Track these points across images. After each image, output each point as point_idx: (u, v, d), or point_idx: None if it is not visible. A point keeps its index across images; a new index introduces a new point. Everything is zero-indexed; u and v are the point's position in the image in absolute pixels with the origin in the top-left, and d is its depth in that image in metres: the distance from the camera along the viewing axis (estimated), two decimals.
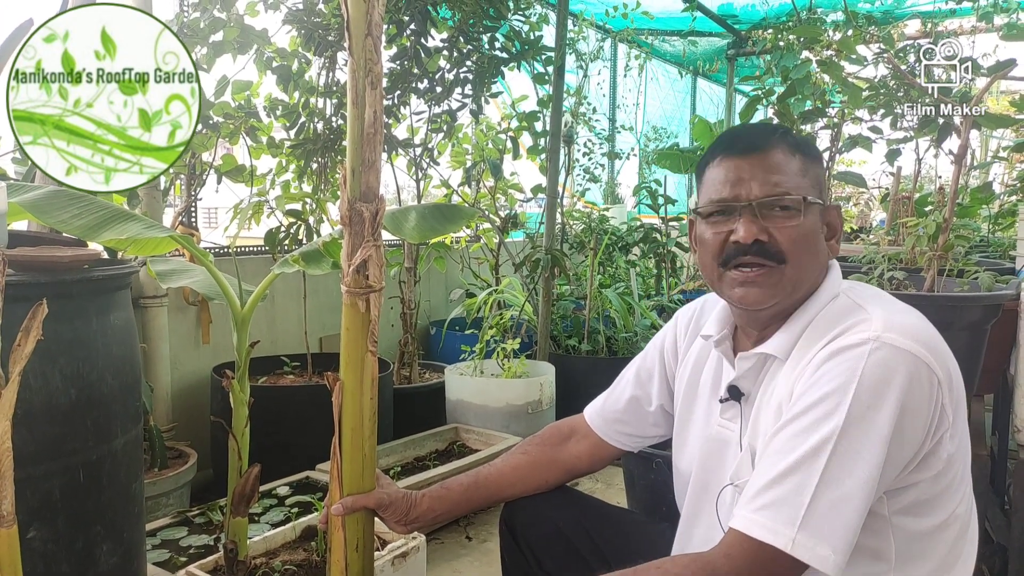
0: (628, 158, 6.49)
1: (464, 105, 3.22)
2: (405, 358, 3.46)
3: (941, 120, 2.09)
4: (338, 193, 1.15)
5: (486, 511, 2.56)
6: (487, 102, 3.28)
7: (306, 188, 3.07)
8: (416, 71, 3.02)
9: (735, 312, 1.20)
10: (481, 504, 1.41)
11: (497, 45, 3.19)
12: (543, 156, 3.74)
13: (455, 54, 3.10)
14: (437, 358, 3.94)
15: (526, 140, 3.72)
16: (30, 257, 1.27)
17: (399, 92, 3.07)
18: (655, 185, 4.72)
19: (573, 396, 3.26)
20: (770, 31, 5.86)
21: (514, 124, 3.73)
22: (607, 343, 3.78)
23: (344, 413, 1.20)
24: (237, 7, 2.71)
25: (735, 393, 1.17)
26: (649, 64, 6.84)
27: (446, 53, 3.11)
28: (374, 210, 1.16)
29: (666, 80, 7.39)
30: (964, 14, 5.08)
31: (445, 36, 3.11)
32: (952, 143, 2.10)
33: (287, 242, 2.85)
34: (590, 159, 5.49)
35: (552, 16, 3.78)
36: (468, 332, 3.69)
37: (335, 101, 3.00)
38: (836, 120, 2.45)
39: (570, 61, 5.17)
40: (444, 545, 2.47)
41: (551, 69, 3.42)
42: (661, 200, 4.55)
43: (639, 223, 4.80)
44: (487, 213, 3.94)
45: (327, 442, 1.23)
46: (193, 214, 3.02)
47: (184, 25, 2.69)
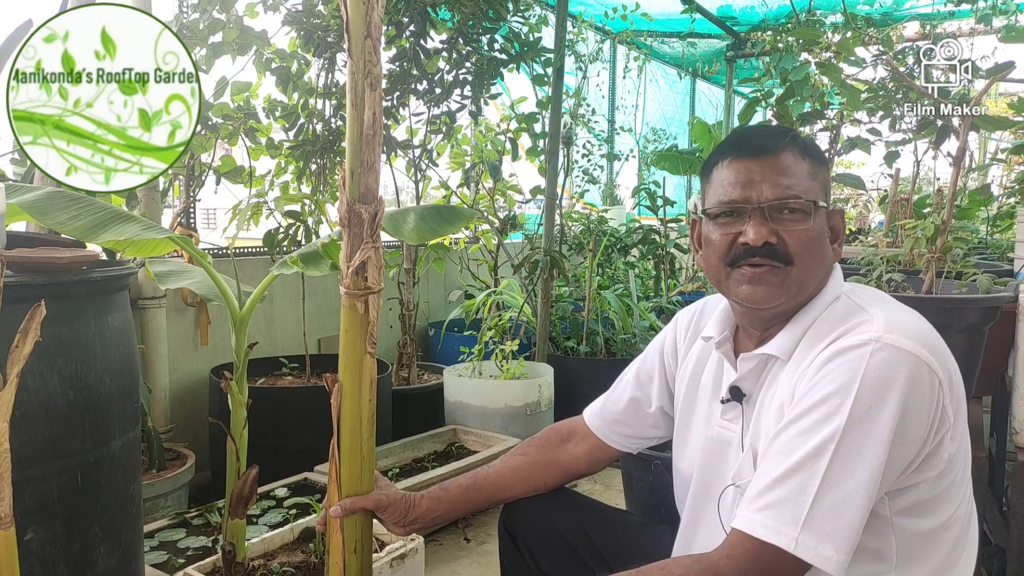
0: (627, 159, 6.50)
1: (463, 106, 3.22)
2: (404, 359, 3.46)
3: (940, 122, 2.09)
4: (337, 194, 1.15)
5: (485, 513, 2.55)
6: (486, 103, 3.28)
7: (305, 189, 3.07)
8: (415, 72, 3.02)
9: (738, 312, 1.20)
10: (480, 505, 1.41)
11: (496, 47, 3.19)
12: (542, 157, 3.74)
13: (454, 55, 3.10)
14: (436, 359, 3.94)
15: (525, 141, 3.73)
16: (28, 258, 1.27)
17: (398, 93, 3.07)
18: (654, 187, 4.72)
19: (572, 397, 3.26)
20: (769, 33, 5.85)
21: (513, 125, 3.74)
22: (606, 345, 3.78)
23: (343, 414, 1.20)
24: (236, 8, 2.71)
25: (736, 394, 1.17)
26: (648, 66, 6.85)
27: (445, 55, 3.11)
28: (373, 212, 1.16)
29: (665, 82, 7.39)
30: (963, 16, 5.09)
31: (444, 37, 3.11)
32: (951, 145, 2.10)
33: (286, 243, 2.84)
34: (589, 160, 5.49)
35: (551, 18, 3.78)
36: (467, 333, 3.69)
37: (334, 102, 3.00)
38: (835, 122, 2.45)
39: (569, 63, 5.18)
40: (443, 547, 2.46)
41: (550, 70, 3.42)
42: (660, 201, 4.56)
43: (638, 224, 4.80)
44: (486, 214, 3.94)
45: (325, 443, 1.23)
46: (192, 215, 3.02)
47: (183, 26, 2.69)
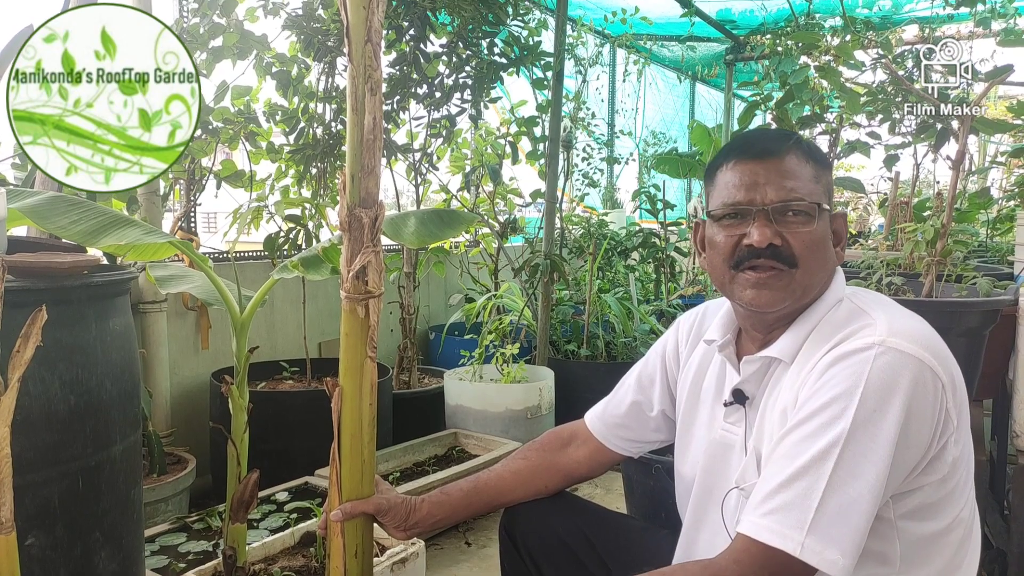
0: (627, 163, 6.51)
1: (463, 110, 3.23)
2: (404, 363, 3.46)
3: (939, 126, 2.10)
4: (337, 198, 1.15)
5: (486, 517, 2.55)
6: (486, 107, 3.29)
7: (305, 193, 3.07)
8: (415, 76, 3.03)
9: (740, 315, 1.21)
10: (481, 509, 1.41)
11: (496, 50, 3.20)
12: (542, 161, 3.74)
13: (454, 59, 3.11)
14: (436, 363, 3.93)
15: (525, 145, 3.73)
16: (29, 263, 1.27)
17: (398, 97, 3.07)
18: (654, 190, 4.73)
19: (572, 401, 3.26)
20: (768, 36, 5.87)
21: (513, 129, 3.74)
22: (606, 348, 3.78)
23: (343, 419, 1.20)
24: (237, 12, 2.72)
25: (739, 397, 1.17)
26: (648, 69, 6.86)
27: (445, 58, 3.12)
28: (373, 216, 1.16)
29: (665, 85, 7.40)
30: (962, 19, 5.10)
31: (444, 41, 3.12)
32: (950, 148, 2.10)
33: (286, 247, 2.85)
34: (589, 164, 5.50)
35: (551, 21, 3.79)
36: (467, 337, 3.69)
37: (334, 106, 3.00)
38: (834, 125, 2.45)
39: (569, 66, 5.19)
40: (443, 551, 2.46)
41: (550, 74, 3.42)
42: (660, 205, 4.56)
43: (638, 228, 4.80)
44: (486, 218, 3.94)
45: (326, 447, 1.23)
46: (192, 219, 3.02)
47: (184, 30, 2.70)
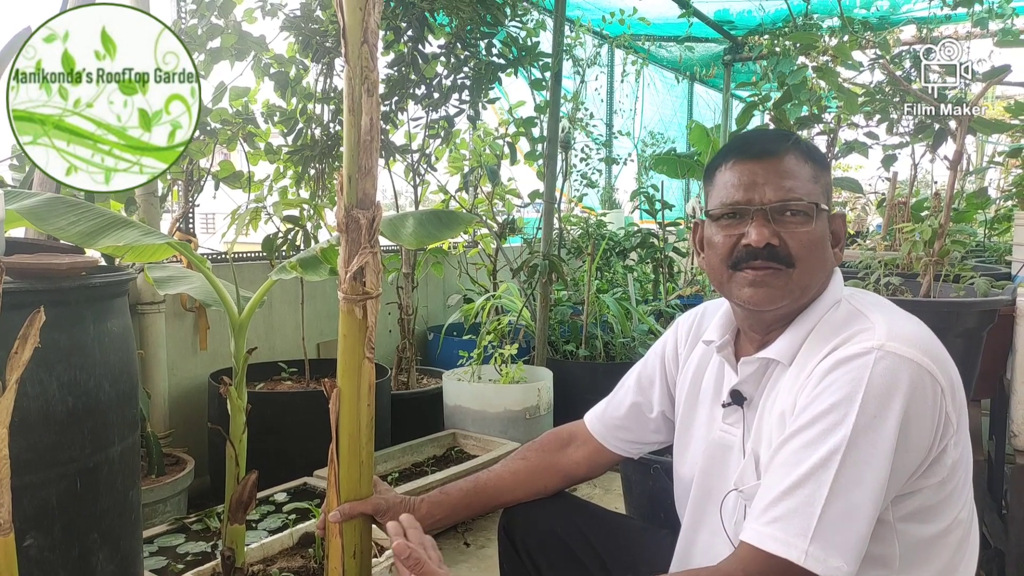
0: (625, 163, 6.51)
1: (461, 111, 3.23)
2: (403, 364, 3.46)
3: (937, 126, 2.10)
4: (335, 199, 1.15)
5: (484, 517, 2.55)
6: (484, 108, 3.29)
7: (304, 194, 3.07)
8: (413, 77, 3.03)
9: (739, 315, 1.21)
10: (480, 510, 1.41)
11: (494, 51, 3.20)
12: (540, 162, 3.74)
13: (452, 60, 3.11)
14: (435, 364, 3.93)
15: (523, 146, 3.73)
16: (27, 264, 1.27)
17: (396, 98, 3.07)
18: (652, 190, 4.73)
19: (571, 401, 3.27)
20: (766, 37, 5.87)
21: (511, 130, 3.74)
22: (605, 348, 3.78)
23: (342, 419, 1.20)
24: (235, 14, 2.72)
25: (738, 398, 1.17)
26: (646, 70, 6.86)
27: (443, 59, 3.12)
28: (371, 217, 1.16)
29: (663, 85, 7.41)
30: (959, 20, 5.10)
31: (442, 42, 3.12)
32: (948, 149, 2.10)
33: (285, 248, 2.84)
34: (587, 164, 5.50)
35: (549, 22, 3.79)
36: (466, 338, 3.69)
37: (332, 107, 3.00)
38: (832, 125, 2.46)
39: (567, 67, 5.19)
40: (442, 551, 2.42)
41: (548, 75, 3.43)
42: (658, 205, 4.57)
43: (636, 228, 4.81)
44: (485, 219, 3.94)
45: (325, 448, 1.23)
46: (191, 220, 3.02)
47: (182, 31, 2.70)
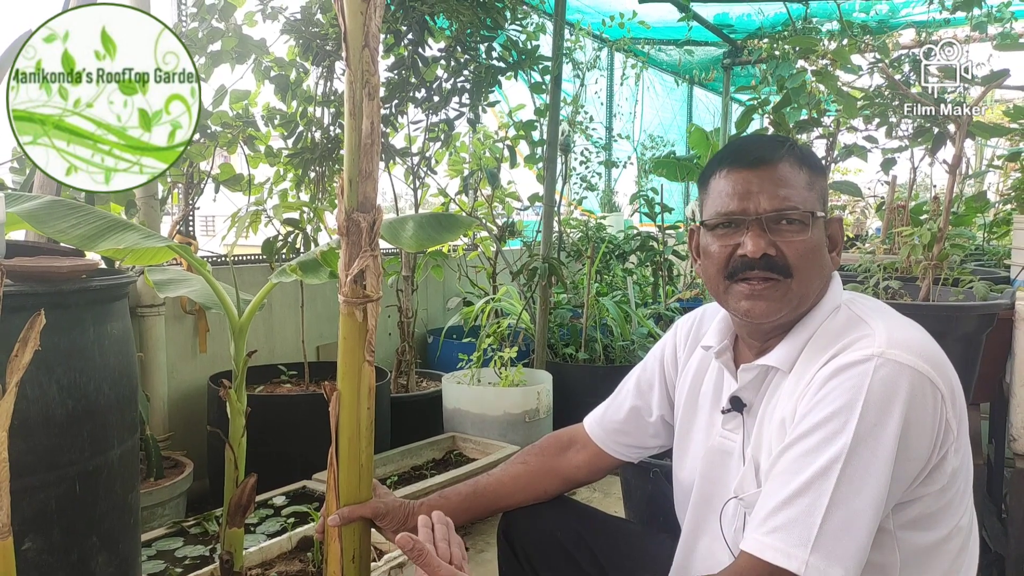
0: (625, 167, 6.52)
1: (461, 114, 3.23)
2: (402, 367, 3.46)
3: (936, 129, 2.10)
4: (335, 202, 1.15)
5: (484, 521, 2.54)
6: (484, 111, 3.30)
7: (304, 197, 3.07)
8: (414, 80, 3.03)
9: (737, 323, 1.20)
10: (479, 514, 1.41)
11: (494, 55, 3.21)
12: (540, 165, 3.75)
13: (452, 63, 3.11)
14: (434, 367, 3.93)
15: (523, 149, 3.74)
16: (28, 267, 1.27)
17: (396, 101, 3.08)
18: (652, 193, 4.74)
19: (570, 404, 3.26)
20: (766, 41, 5.88)
21: (511, 133, 3.75)
22: (604, 352, 3.78)
23: (341, 422, 1.20)
24: (235, 17, 2.72)
25: (737, 404, 1.17)
26: (646, 73, 6.87)
27: (443, 63, 3.12)
28: (371, 220, 1.16)
29: (663, 89, 7.42)
30: (958, 24, 5.11)
31: (442, 46, 3.13)
32: (947, 152, 2.11)
33: (285, 251, 2.85)
34: (587, 167, 5.51)
35: (549, 26, 3.80)
36: (465, 340, 3.69)
37: (333, 110, 3.00)
38: (831, 129, 2.46)
39: (567, 70, 5.20)
40: None
41: (548, 78, 3.43)
42: (658, 208, 4.57)
43: (636, 231, 4.81)
44: (484, 222, 3.95)
45: (324, 451, 1.23)
46: (191, 223, 3.02)
47: (182, 34, 2.70)
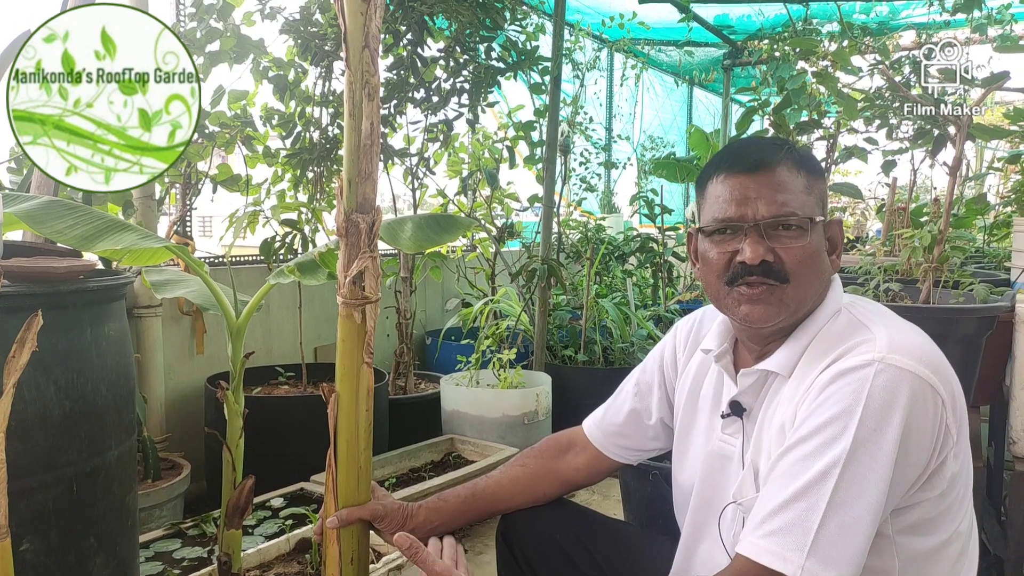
0: (625, 168, 6.52)
1: (460, 115, 3.23)
2: (401, 368, 3.45)
3: (936, 132, 2.10)
4: (334, 203, 1.14)
5: (482, 523, 2.53)
6: (483, 112, 3.29)
7: (302, 198, 3.06)
8: (413, 81, 3.03)
9: (737, 327, 1.20)
10: (478, 516, 1.40)
11: (494, 55, 3.20)
12: (539, 166, 3.75)
13: (452, 64, 3.11)
14: (433, 368, 3.92)
15: (523, 149, 3.73)
16: (25, 268, 1.27)
17: (395, 102, 3.07)
18: (652, 195, 4.73)
19: (570, 406, 3.26)
20: (766, 42, 5.89)
21: (511, 133, 3.74)
22: (603, 353, 3.77)
23: (339, 424, 1.19)
24: (233, 17, 2.72)
25: (737, 409, 1.16)
26: (645, 74, 6.88)
27: (443, 63, 3.12)
28: (370, 221, 1.15)
29: (663, 90, 7.42)
30: (958, 26, 5.12)
31: (442, 46, 3.12)
32: (947, 155, 2.11)
33: (283, 252, 2.84)
34: (587, 168, 5.51)
35: (549, 26, 3.80)
36: (464, 342, 3.69)
37: (331, 110, 3.00)
38: (832, 131, 2.46)
39: (567, 71, 5.21)
40: None
41: (548, 79, 3.43)
42: (658, 210, 4.57)
43: (636, 233, 4.81)
44: (483, 223, 3.94)
45: (322, 453, 1.22)
46: (188, 224, 3.01)
47: (180, 34, 2.69)
